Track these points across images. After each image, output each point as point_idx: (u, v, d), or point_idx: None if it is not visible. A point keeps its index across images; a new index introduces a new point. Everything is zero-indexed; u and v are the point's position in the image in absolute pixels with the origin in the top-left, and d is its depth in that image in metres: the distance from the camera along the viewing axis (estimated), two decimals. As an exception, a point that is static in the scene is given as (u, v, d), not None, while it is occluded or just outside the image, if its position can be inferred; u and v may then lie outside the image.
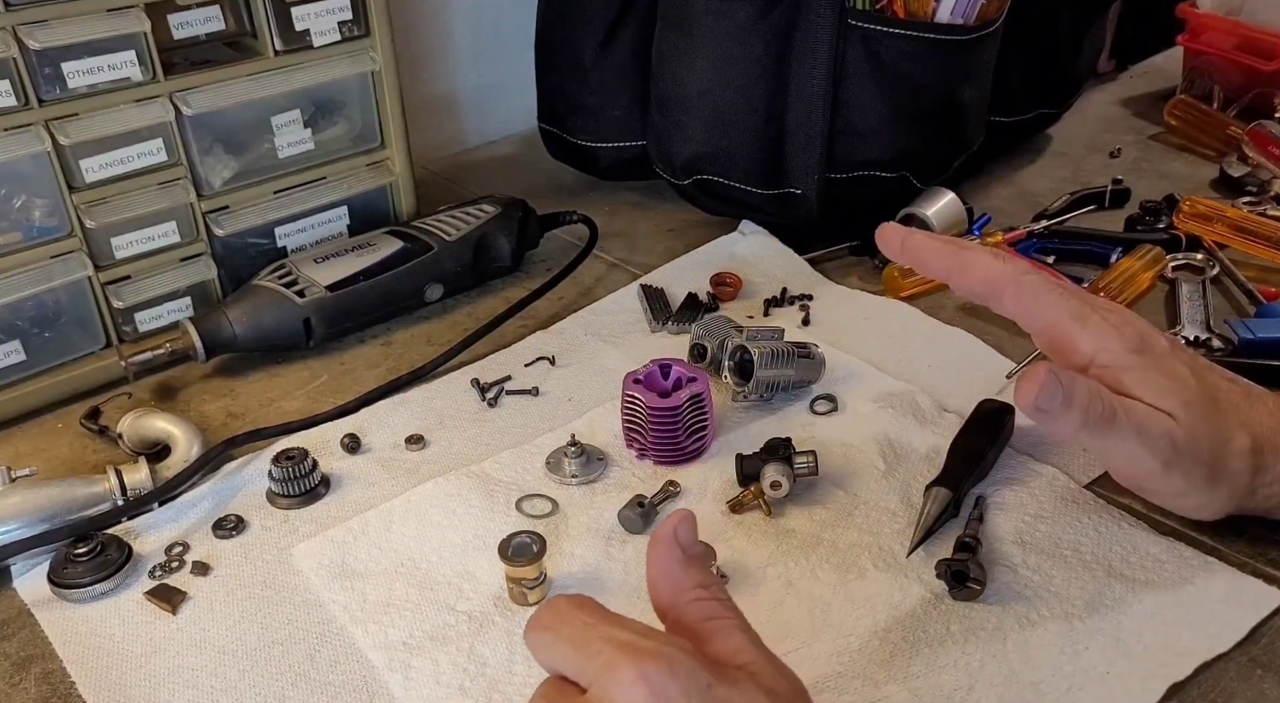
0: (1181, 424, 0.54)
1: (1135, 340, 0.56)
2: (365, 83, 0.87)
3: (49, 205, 0.74)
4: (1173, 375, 0.55)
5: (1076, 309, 0.56)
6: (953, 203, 0.91)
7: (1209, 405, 0.56)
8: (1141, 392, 0.55)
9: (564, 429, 0.71)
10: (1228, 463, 0.55)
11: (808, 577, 0.60)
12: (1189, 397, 0.55)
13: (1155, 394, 0.55)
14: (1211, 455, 0.55)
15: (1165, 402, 0.54)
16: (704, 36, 0.86)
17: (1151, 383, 0.55)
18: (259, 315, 0.79)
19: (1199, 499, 0.57)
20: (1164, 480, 0.56)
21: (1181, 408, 0.54)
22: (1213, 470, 0.55)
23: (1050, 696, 0.52)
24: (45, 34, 0.70)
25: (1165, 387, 0.55)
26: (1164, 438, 0.54)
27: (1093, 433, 0.54)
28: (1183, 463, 0.55)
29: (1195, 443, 0.55)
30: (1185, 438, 0.54)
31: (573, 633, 0.40)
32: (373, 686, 0.55)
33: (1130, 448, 0.54)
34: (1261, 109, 1.05)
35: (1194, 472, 0.55)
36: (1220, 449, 0.55)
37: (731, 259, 0.92)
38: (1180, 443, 0.54)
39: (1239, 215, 0.88)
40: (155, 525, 0.66)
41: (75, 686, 0.56)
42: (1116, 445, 0.55)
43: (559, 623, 0.41)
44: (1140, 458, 0.55)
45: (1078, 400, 0.53)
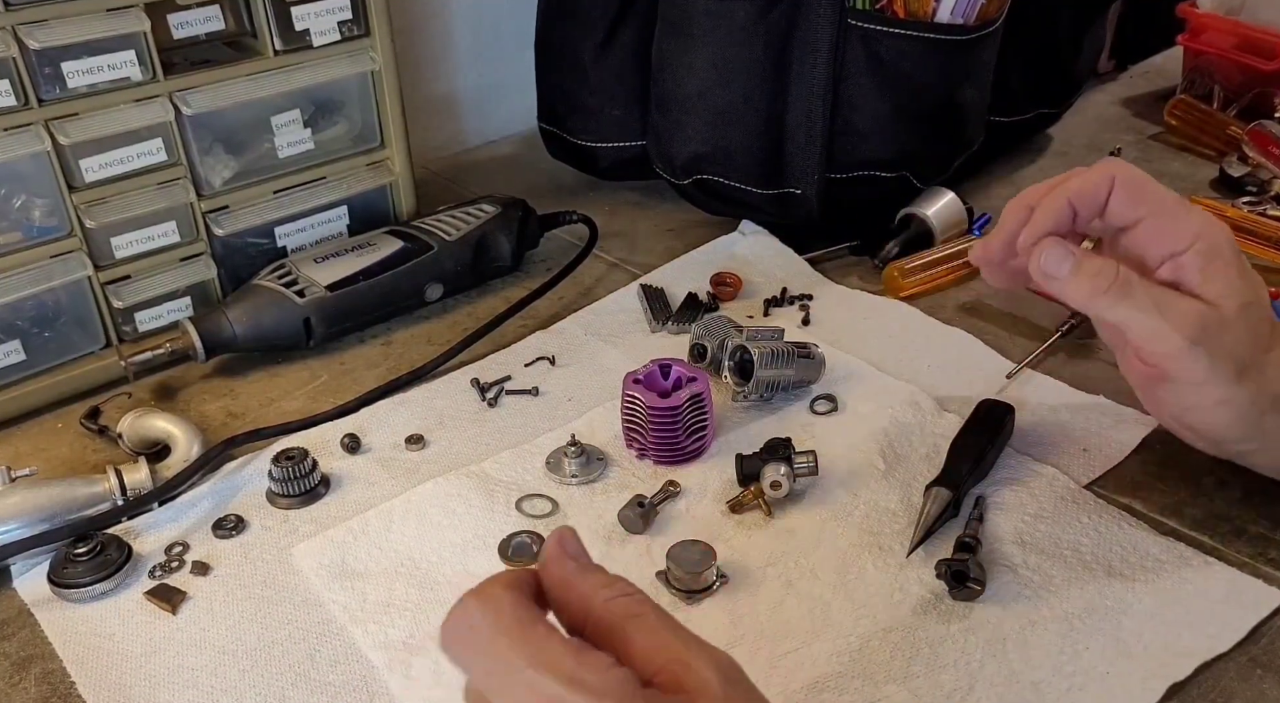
0: (1223, 314, 0.55)
1: (1231, 238, 0.57)
2: (365, 83, 0.87)
3: (49, 205, 0.74)
4: (1250, 280, 0.57)
5: (1179, 197, 0.58)
6: (953, 203, 0.91)
7: (1264, 314, 0.57)
8: (1220, 281, 0.55)
9: (564, 429, 0.71)
10: (1263, 369, 0.56)
11: (808, 577, 0.60)
12: (1254, 299, 0.56)
13: (1227, 287, 0.55)
14: (1248, 351, 0.55)
15: (1232, 297, 0.55)
16: (704, 36, 0.86)
17: (1230, 276, 0.56)
18: (259, 315, 0.79)
19: (1220, 392, 0.56)
20: (1186, 361, 0.55)
21: (1241, 306, 0.55)
22: (1244, 367, 0.55)
23: (1050, 696, 0.52)
24: (45, 34, 0.70)
25: (1238, 285, 0.56)
26: (1191, 316, 0.55)
27: (1106, 303, 0.55)
28: (1210, 346, 0.55)
29: (1234, 334, 0.55)
30: (1219, 324, 0.55)
31: (490, 668, 0.36)
32: (373, 686, 0.55)
33: (1151, 322, 0.55)
34: (1261, 109, 1.05)
35: (1221, 360, 0.55)
36: (1258, 353, 0.56)
37: (731, 259, 0.92)
38: (1211, 326, 0.55)
39: (1239, 215, 0.88)
40: (155, 525, 0.66)
41: (75, 686, 0.56)
42: (1134, 318, 0.55)
43: (471, 648, 0.37)
44: (1162, 333, 0.55)
45: (1086, 268, 0.56)
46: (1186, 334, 0.54)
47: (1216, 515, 0.63)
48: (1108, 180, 0.58)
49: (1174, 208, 0.57)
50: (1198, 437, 0.60)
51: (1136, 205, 0.58)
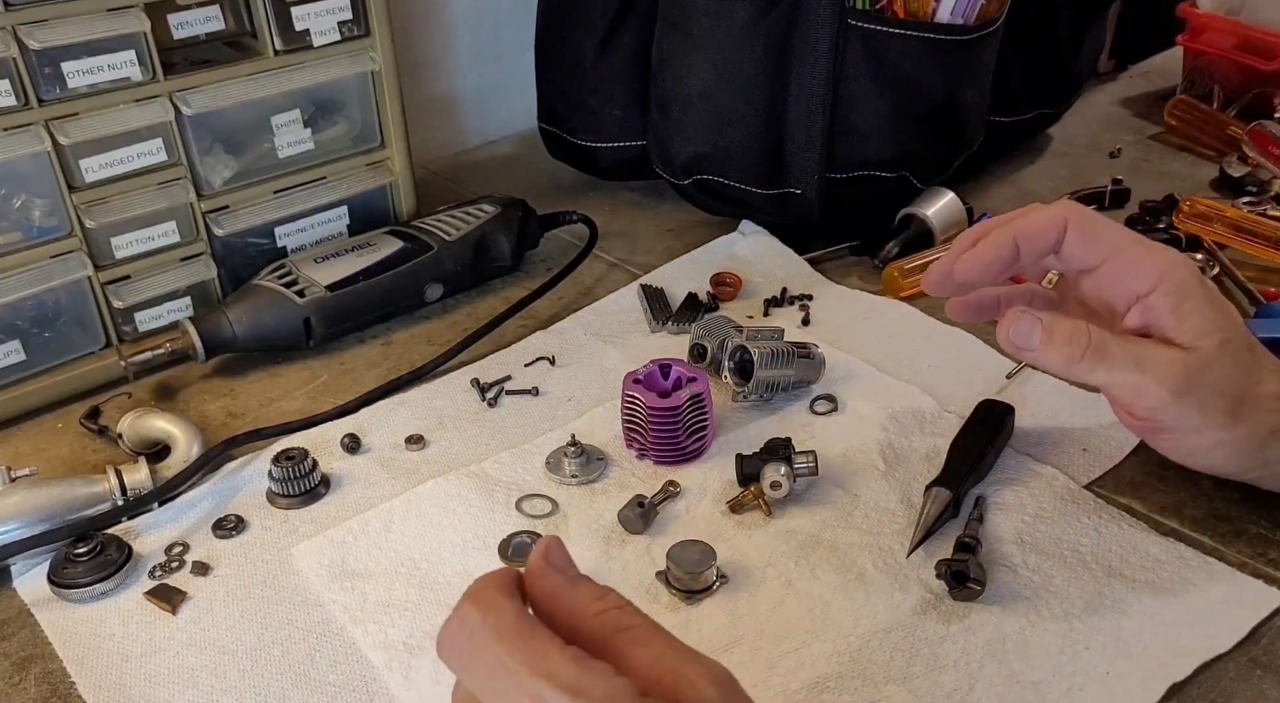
0: (1204, 357, 0.54)
1: (1196, 271, 0.56)
2: (365, 83, 0.87)
3: (49, 205, 0.74)
4: (1223, 312, 0.56)
5: (1138, 237, 0.57)
6: (953, 203, 0.91)
7: (1246, 345, 0.56)
8: (1195, 320, 0.55)
9: (564, 429, 0.71)
10: (1256, 402, 0.55)
11: (808, 577, 0.60)
12: (1232, 334, 0.55)
13: (1203, 324, 0.55)
14: (1238, 390, 0.55)
15: (1209, 336, 0.54)
16: (704, 36, 0.86)
17: (1205, 314, 0.55)
18: (259, 315, 0.79)
19: (1216, 436, 0.56)
20: (1176, 411, 0.55)
21: (1220, 343, 0.54)
22: (1236, 405, 0.55)
23: (1050, 696, 0.52)
24: (45, 34, 0.70)
25: (1214, 320, 0.55)
26: (1173, 367, 0.54)
27: (1083, 369, 0.55)
28: (1198, 393, 0.54)
29: (1218, 374, 0.54)
30: (1202, 368, 0.54)
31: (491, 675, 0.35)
32: (373, 686, 0.55)
33: (1132, 380, 0.54)
34: (1261, 109, 1.05)
35: (1210, 403, 0.54)
36: (1248, 388, 0.55)
37: (731, 259, 0.92)
38: (1195, 373, 0.54)
39: (1239, 215, 0.88)
40: (155, 525, 0.66)
41: (75, 686, 0.56)
42: (1115, 379, 0.55)
43: (471, 655, 0.36)
44: (1146, 389, 0.54)
45: (1058, 337, 0.55)
46: (1171, 387, 0.54)
47: (1216, 516, 0.63)
48: (1058, 225, 0.57)
49: (1133, 249, 0.56)
50: (1210, 471, 0.60)
51: (1092, 250, 0.57)
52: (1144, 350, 0.55)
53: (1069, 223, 0.57)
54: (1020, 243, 0.57)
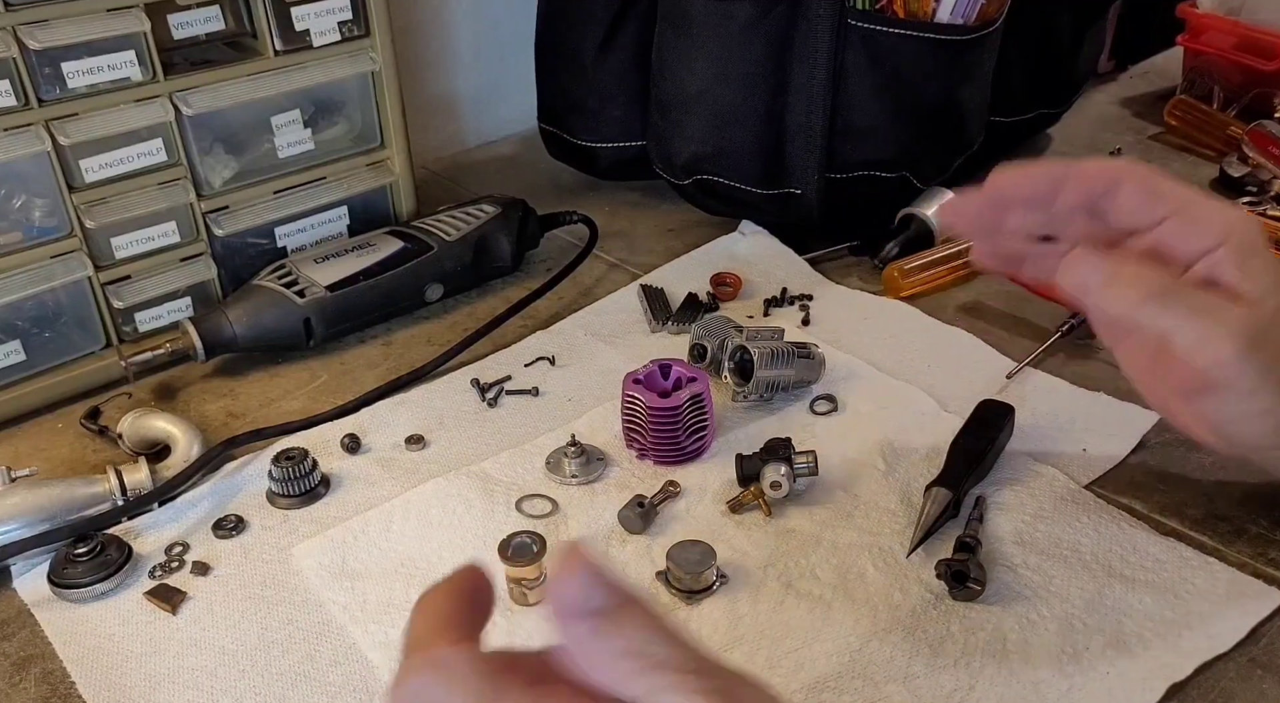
0: (1273, 316, 0.51)
1: (1262, 230, 0.54)
2: (365, 83, 0.87)
3: (49, 205, 0.74)
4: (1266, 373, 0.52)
5: (1202, 192, 0.54)
6: (953, 203, 0.91)
7: None
8: (1261, 278, 0.52)
9: (564, 429, 0.71)
10: None
11: (807, 578, 0.60)
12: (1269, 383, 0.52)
13: (1270, 282, 0.52)
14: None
15: (1274, 295, 0.51)
16: (704, 36, 0.86)
17: (1273, 272, 0.52)
18: (259, 315, 0.79)
19: (1266, 401, 0.52)
20: (1236, 369, 0.51)
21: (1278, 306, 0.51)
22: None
23: (1050, 696, 0.52)
24: (45, 34, 0.70)
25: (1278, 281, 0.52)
26: (1240, 321, 0.51)
27: (1149, 312, 0.51)
28: (1266, 350, 0.51)
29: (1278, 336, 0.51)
30: (1268, 327, 0.51)
31: None
32: (373, 686, 0.55)
33: (1198, 330, 0.51)
34: (1261, 109, 1.05)
35: (1272, 365, 0.51)
36: None
37: (731, 259, 0.92)
38: (1261, 330, 0.51)
39: (1239, 215, 0.87)
40: (155, 526, 0.66)
41: (75, 686, 0.56)
42: (1180, 327, 0.51)
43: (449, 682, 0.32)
44: (1211, 341, 0.51)
45: (1124, 276, 0.51)
46: (1239, 342, 0.50)
47: (1216, 516, 0.63)
48: (1111, 176, 0.54)
49: (1199, 204, 0.53)
50: (1231, 445, 0.57)
51: (1155, 205, 0.54)
52: (1211, 302, 0.51)
53: (1126, 177, 0.54)
54: (1070, 178, 0.54)
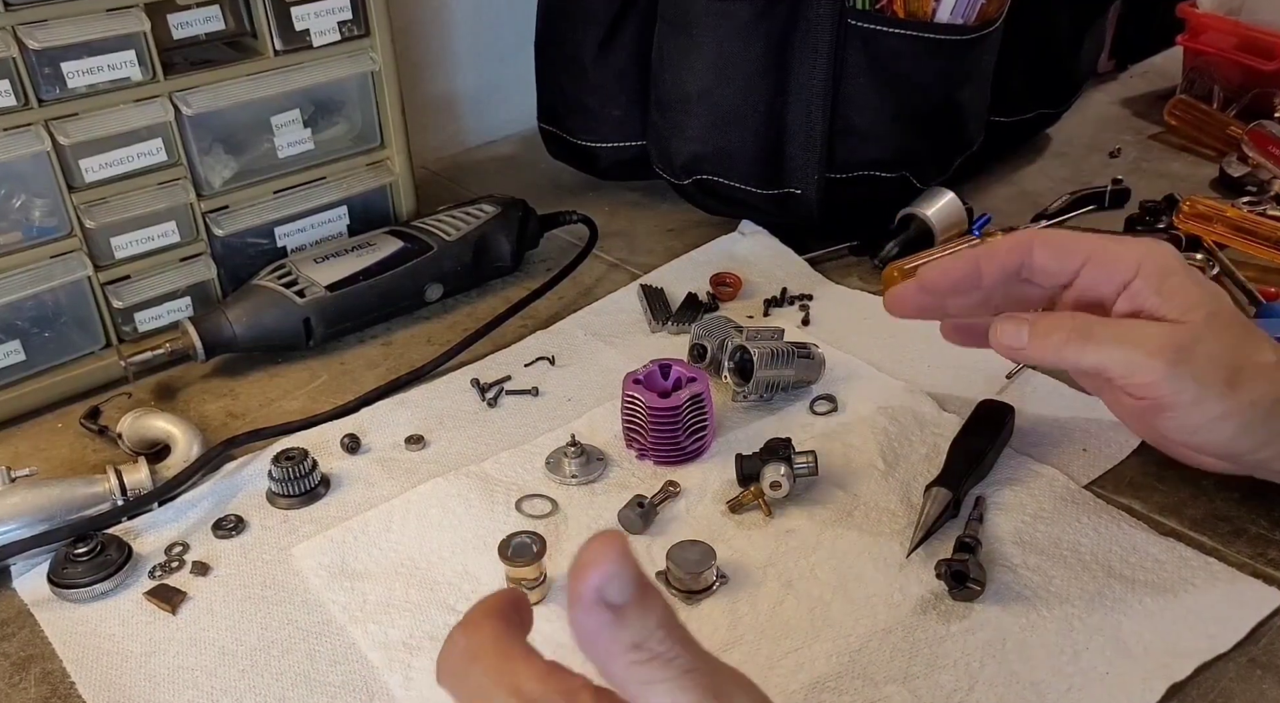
0: (1192, 328, 0.55)
1: (1175, 253, 0.58)
2: (365, 83, 0.87)
3: (49, 205, 0.74)
4: (1207, 289, 0.56)
5: (1110, 235, 0.60)
6: (953, 203, 0.91)
7: (1234, 317, 0.56)
8: (1179, 297, 0.56)
9: (564, 429, 0.71)
10: (1256, 371, 0.55)
11: (808, 577, 0.60)
12: (1218, 306, 0.56)
13: (1188, 299, 0.55)
14: (1233, 358, 0.55)
15: (1195, 309, 0.55)
16: (704, 36, 0.86)
17: (1189, 289, 0.56)
18: (259, 315, 0.79)
19: (1217, 407, 0.55)
20: (1173, 384, 0.54)
21: (1207, 316, 0.55)
22: (1233, 374, 0.54)
23: (1050, 696, 0.52)
24: (45, 34, 0.70)
25: (1198, 295, 0.56)
26: (1162, 338, 0.54)
27: (1073, 353, 0.56)
28: (1193, 362, 0.54)
29: (1208, 344, 0.54)
30: (1192, 339, 0.54)
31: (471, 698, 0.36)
32: (373, 686, 0.55)
33: (1124, 355, 0.55)
34: (1261, 109, 1.05)
35: (1206, 374, 0.54)
36: (1245, 356, 0.55)
37: (731, 259, 0.92)
38: (1185, 343, 0.54)
39: (1239, 215, 0.87)
40: (155, 526, 0.66)
41: (75, 686, 0.56)
42: (1107, 357, 0.55)
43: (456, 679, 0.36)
44: (1139, 363, 0.54)
45: (1040, 329, 0.57)
46: (1164, 358, 0.54)
47: (1216, 516, 0.63)
48: (1020, 246, 0.59)
49: (1108, 245, 0.58)
50: (1212, 456, 0.59)
51: (1067, 258, 0.59)
52: (1131, 327, 0.56)
53: (1034, 243, 0.59)
54: (981, 261, 0.60)
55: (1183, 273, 0.56)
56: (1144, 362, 0.54)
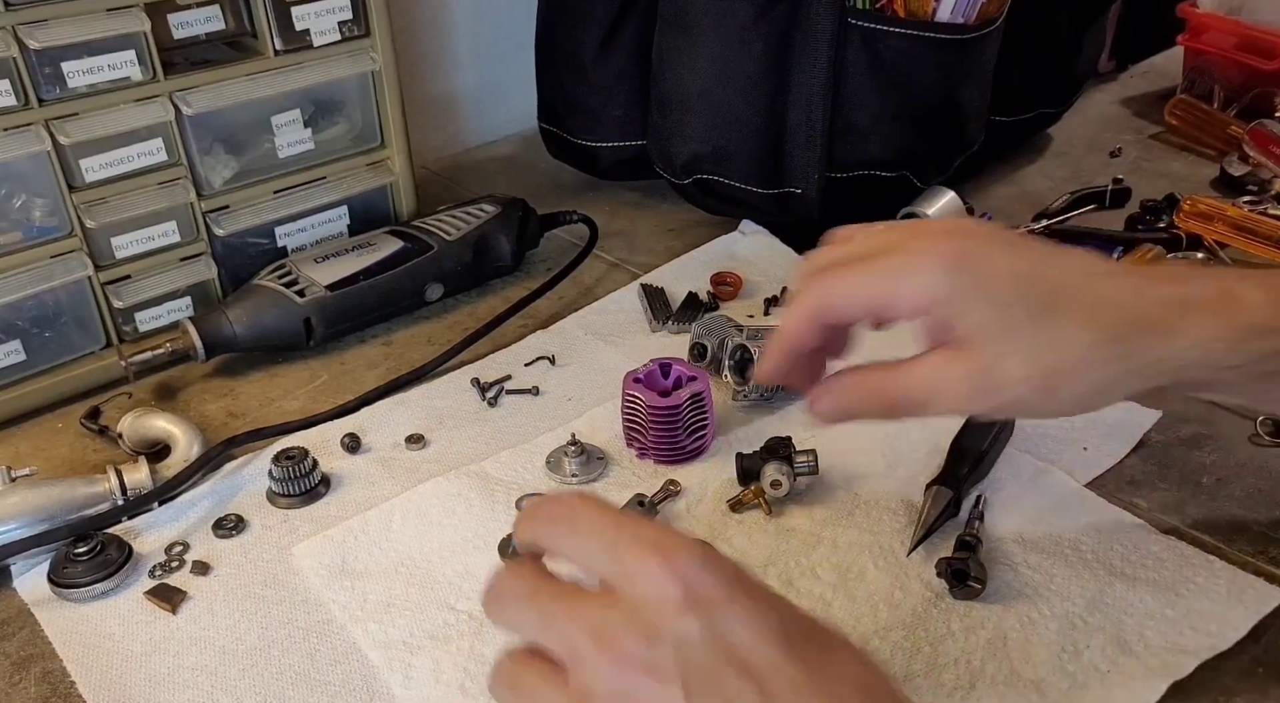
0: (990, 356, 0.47)
1: (951, 261, 0.48)
2: (365, 83, 0.87)
3: (49, 205, 0.74)
4: (992, 298, 0.48)
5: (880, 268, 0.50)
6: (953, 202, 0.91)
7: (1033, 315, 0.48)
8: (964, 329, 0.48)
9: (564, 429, 0.71)
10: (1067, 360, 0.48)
11: (808, 576, 0.60)
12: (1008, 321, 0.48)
13: (974, 329, 0.48)
14: (1037, 366, 0.48)
15: (983, 336, 0.48)
16: (704, 36, 0.86)
17: (971, 317, 0.48)
18: (259, 315, 0.79)
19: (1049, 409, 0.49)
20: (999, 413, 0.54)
21: (1001, 335, 0.48)
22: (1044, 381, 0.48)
23: (1051, 694, 0.52)
24: (45, 34, 0.70)
25: (983, 321, 0.48)
26: (961, 383, 0.48)
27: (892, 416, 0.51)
28: (1003, 392, 0.48)
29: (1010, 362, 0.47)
30: (994, 368, 0.48)
31: (593, 530, 0.40)
32: (373, 685, 0.55)
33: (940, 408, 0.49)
34: (1261, 108, 1.05)
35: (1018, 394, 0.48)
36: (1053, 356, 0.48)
37: (731, 259, 0.92)
38: (990, 382, 0.48)
39: (1239, 215, 0.87)
40: (155, 525, 0.66)
41: (75, 685, 0.56)
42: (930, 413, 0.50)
43: (574, 518, 0.41)
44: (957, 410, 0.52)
45: (846, 403, 0.52)
46: (978, 406, 0.49)
47: (1217, 514, 0.62)
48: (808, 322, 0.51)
49: (887, 287, 0.49)
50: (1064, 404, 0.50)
51: (851, 316, 0.51)
52: (930, 386, 0.49)
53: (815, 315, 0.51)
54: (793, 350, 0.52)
55: (967, 291, 0.48)
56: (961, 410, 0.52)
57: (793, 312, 0.51)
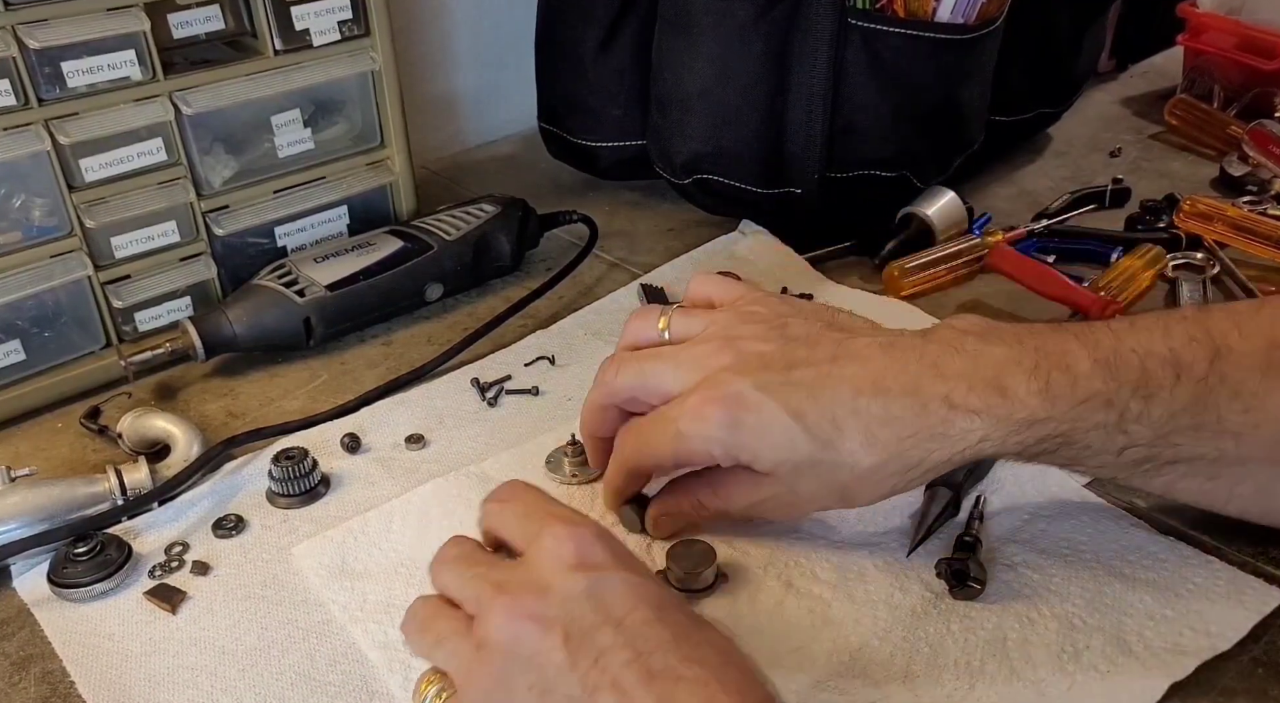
0: (787, 484, 0.55)
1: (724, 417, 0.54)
2: (365, 83, 0.87)
3: (49, 205, 0.74)
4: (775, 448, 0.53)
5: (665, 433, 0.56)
6: (953, 202, 0.91)
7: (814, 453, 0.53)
8: (759, 467, 0.55)
9: (564, 429, 0.71)
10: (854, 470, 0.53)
11: (807, 577, 0.60)
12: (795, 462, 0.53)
13: (766, 467, 0.55)
14: (830, 486, 0.54)
15: (777, 472, 0.54)
16: (704, 36, 0.86)
17: (760, 462, 0.54)
18: (259, 315, 0.79)
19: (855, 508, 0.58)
20: (809, 520, 0.60)
21: (791, 472, 0.54)
22: (840, 496, 0.55)
23: (1051, 694, 0.52)
24: (45, 33, 0.70)
25: (772, 464, 0.54)
26: (772, 506, 0.57)
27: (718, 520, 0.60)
28: (809, 509, 0.58)
29: (804, 491, 0.55)
30: (793, 492, 0.55)
31: (523, 507, 0.49)
32: (373, 685, 0.55)
33: (759, 518, 0.59)
34: (1261, 108, 1.05)
35: (822, 506, 0.58)
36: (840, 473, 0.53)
37: (731, 259, 0.92)
38: (792, 502, 0.56)
39: (1239, 215, 0.88)
40: (155, 525, 0.66)
41: (75, 685, 0.56)
42: (750, 524, 0.60)
43: (511, 499, 0.50)
44: (773, 520, 0.60)
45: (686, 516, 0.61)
46: (788, 519, 0.61)
47: (1217, 515, 0.62)
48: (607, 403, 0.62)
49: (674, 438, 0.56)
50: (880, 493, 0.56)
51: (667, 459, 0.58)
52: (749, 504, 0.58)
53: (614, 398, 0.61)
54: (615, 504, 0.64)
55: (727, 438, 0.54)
56: (776, 520, 0.60)
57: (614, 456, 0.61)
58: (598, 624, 0.42)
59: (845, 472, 0.53)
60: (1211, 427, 0.51)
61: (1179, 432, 0.51)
